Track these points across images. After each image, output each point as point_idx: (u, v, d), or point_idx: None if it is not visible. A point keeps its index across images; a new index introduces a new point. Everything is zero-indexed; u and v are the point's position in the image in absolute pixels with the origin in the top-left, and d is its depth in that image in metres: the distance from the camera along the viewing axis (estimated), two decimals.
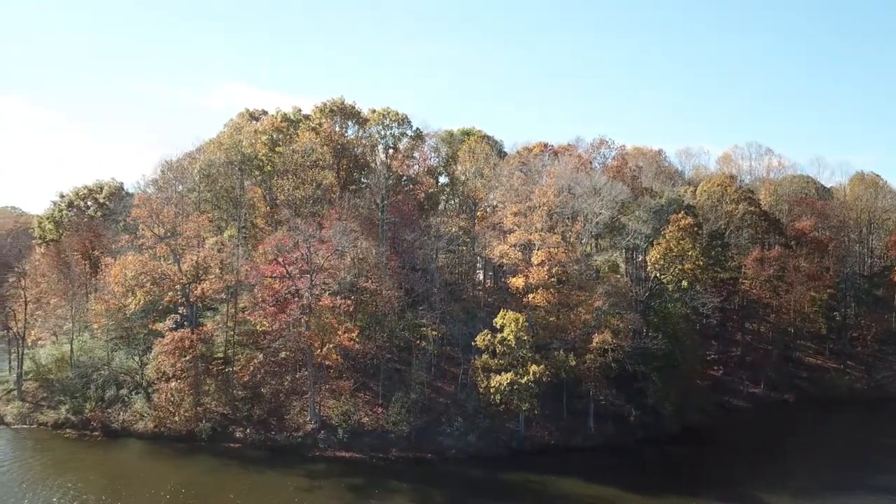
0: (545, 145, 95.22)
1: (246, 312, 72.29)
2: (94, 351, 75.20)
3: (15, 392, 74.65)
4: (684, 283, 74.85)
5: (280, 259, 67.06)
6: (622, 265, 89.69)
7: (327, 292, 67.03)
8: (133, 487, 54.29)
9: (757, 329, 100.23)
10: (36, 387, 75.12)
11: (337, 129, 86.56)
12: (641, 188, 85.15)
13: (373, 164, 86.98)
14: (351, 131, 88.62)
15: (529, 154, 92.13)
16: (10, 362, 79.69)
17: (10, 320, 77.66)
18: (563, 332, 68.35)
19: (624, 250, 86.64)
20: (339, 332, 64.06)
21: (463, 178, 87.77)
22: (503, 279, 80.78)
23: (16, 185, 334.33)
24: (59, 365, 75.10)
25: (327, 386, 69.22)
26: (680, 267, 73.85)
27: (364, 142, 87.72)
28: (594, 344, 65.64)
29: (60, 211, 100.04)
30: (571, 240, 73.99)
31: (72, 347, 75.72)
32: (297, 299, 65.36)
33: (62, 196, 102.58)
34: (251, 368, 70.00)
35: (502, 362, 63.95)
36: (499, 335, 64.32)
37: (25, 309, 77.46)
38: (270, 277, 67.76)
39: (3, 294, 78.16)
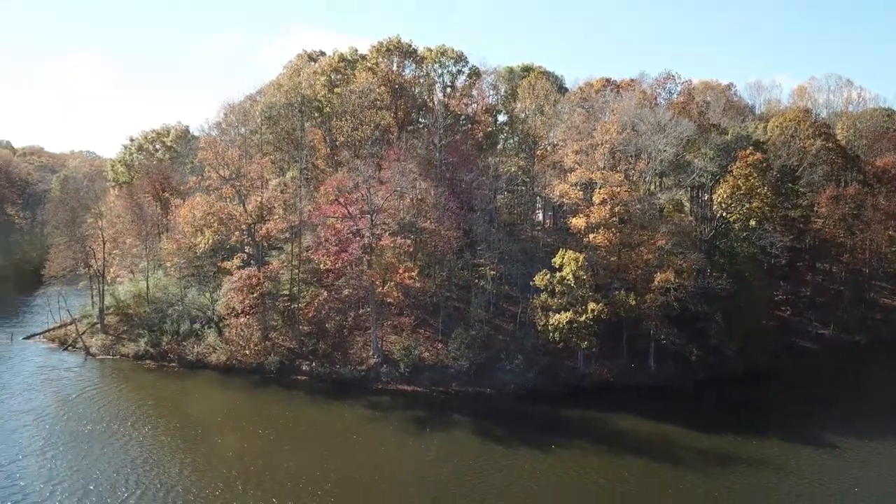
0: (608, 81, 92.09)
1: (310, 252, 74.23)
2: (168, 288, 78.93)
3: (98, 325, 79.43)
4: (752, 222, 72.46)
5: (341, 200, 68.11)
6: (687, 204, 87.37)
7: (387, 232, 68.00)
8: (207, 414, 57.80)
9: (828, 269, 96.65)
10: (117, 321, 79.66)
11: (394, 68, 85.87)
12: (708, 124, 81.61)
13: (430, 104, 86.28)
14: (408, 71, 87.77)
15: (591, 90, 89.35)
16: (92, 298, 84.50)
17: (90, 258, 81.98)
18: (624, 271, 67.64)
19: (689, 189, 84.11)
20: (400, 271, 65.29)
21: (522, 116, 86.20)
22: (563, 219, 79.99)
23: (90, 130, 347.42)
24: (137, 300, 79.29)
25: (389, 322, 70.95)
26: (748, 205, 71.35)
27: (421, 81, 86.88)
28: (656, 283, 64.75)
29: (131, 154, 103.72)
30: (634, 178, 72.24)
31: (147, 284, 79.62)
32: (358, 239, 66.55)
33: (132, 140, 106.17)
34: (315, 305, 72.19)
35: (561, 301, 64.00)
36: (558, 275, 64.18)
37: (104, 248, 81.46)
38: (332, 218, 69.04)
39: (84, 234, 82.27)
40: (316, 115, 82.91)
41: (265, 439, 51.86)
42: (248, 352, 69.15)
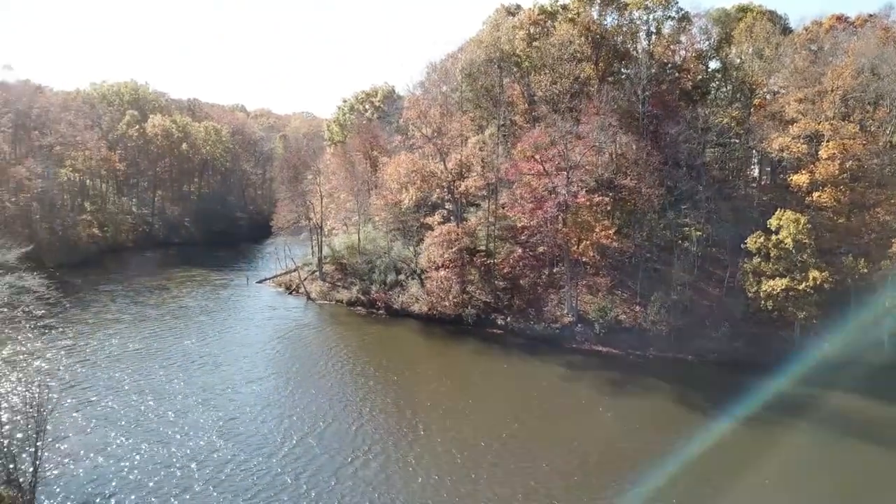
0: (840, 18, 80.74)
1: (506, 208, 75.20)
2: (377, 240, 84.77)
3: (317, 273, 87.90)
4: None
5: (537, 156, 67.75)
6: None
7: (584, 189, 66.60)
8: (407, 359, 62.23)
9: None
10: (333, 269, 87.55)
11: (595, 17, 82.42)
12: None
13: (634, 53, 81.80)
14: (610, 19, 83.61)
15: (820, 29, 79.04)
16: (312, 248, 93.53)
17: (310, 212, 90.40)
18: (856, 235, 60.08)
19: None
20: (597, 230, 63.91)
21: (738, 61, 78.77)
22: (782, 176, 72.65)
23: (309, 92, 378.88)
24: (350, 251, 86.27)
25: (584, 282, 70.14)
26: None
27: (624, 29, 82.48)
28: (895, 249, 56.80)
29: (344, 115, 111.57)
30: (872, 129, 63.26)
31: (359, 237, 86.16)
32: (553, 196, 66.02)
33: (344, 101, 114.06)
34: (511, 261, 73.30)
35: (777, 267, 58.73)
36: (773, 237, 58.78)
37: (321, 202, 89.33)
38: (528, 175, 69.05)
39: (304, 190, 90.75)
40: (514, 70, 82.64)
41: (458, 388, 54.50)
42: (447, 303, 72.44)
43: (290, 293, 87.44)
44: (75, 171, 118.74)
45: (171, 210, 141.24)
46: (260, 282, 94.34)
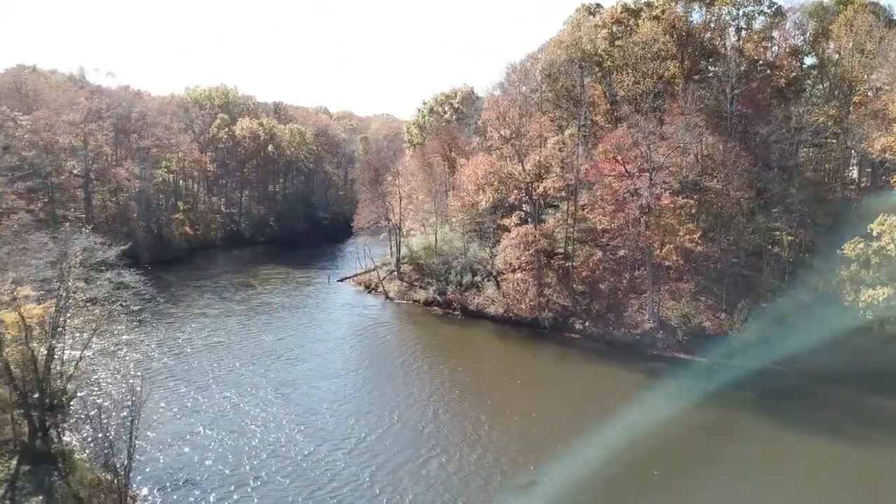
0: None
1: (585, 210, 73.89)
2: (454, 241, 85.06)
3: (395, 273, 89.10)
4: None
5: (619, 157, 66.20)
6: None
7: (667, 191, 64.58)
8: (481, 360, 62.25)
9: None
10: (410, 269, 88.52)
11: (680, 13, 79.75)
12: None
13: (721, 50, 78.70)
14: (697, 16, 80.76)
15: None
16: (390, 248, 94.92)
17: (389, 213, 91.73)
18: None
19: None
20: (680, 233, 61.90)
21: (836, 56, 74.38)
22: (884, 178, 68.06)
23: (389, 94, 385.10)
24: (427, 252, 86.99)
25: (666, 287, 67.96)
26: None
27: (712, 25, 79.46)
28: None
29: (423, 116, 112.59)
30: None
31: (436, 238, 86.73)
32: (635, 198, 64.33)
33: (424, 103, 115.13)
34: (590, 265, 71.94)
35: (878, 275, 55.01)
36: (875, 244, 55.14)
37: (400, 203, 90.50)
38: (609, 176, 67.58)
39: (384, 191, 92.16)
40: (596, 69, 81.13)
41: (531, 392, 53.83)
42: (523, 306, 71.81)
43: (369, 292, 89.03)
44: (169, 172, 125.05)
45: (257, 210, 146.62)
46: (340, 280, 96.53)
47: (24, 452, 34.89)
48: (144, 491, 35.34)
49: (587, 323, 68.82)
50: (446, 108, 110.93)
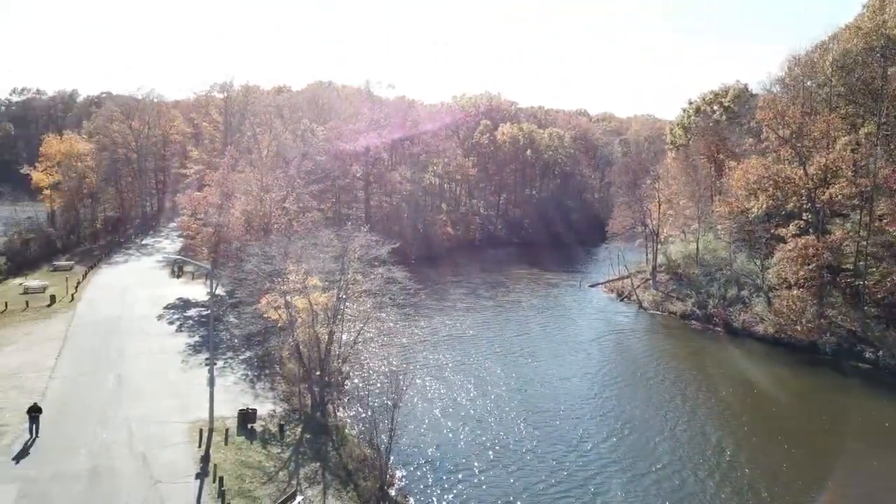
0: None
1: (884, 222, 63.29)
2: (718, 251, 78.86)
3: (650, 282, 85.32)
4: None
5: None
6: None
7: None
8: (744, 384, 55.82)
9: None
10: (667, 279, 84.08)
11: None
12: None
13: None
14: None
15: None
16: (646, 255, 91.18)
17: (646, 218, 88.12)
18: None
19: None
20: None
21: None
22: None
23: (651, 94, 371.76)
24: (687, 261, 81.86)
25: None
26: None
27: None
28: None
29: (689, 117, 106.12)
30: None
31: (697, 246, 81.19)
32: None
33: (690, 102, 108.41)
34: (888, 285, 61.51)
35: None
36: None
37: (659, 208, 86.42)
38: None
39: (642, 194, 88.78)
40: None
41: (795, 421, 47.40)
42: (799, 327, 63.80)
43: (622, 300, 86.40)
44: (435, 176, 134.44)
45: (512, 212, 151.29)
46: (592, 286, 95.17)
47: (307, 422, 39.92)
48: (401, 472, 38.09)
49: (881, 352, 58.84)
50: (715, 108, 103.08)
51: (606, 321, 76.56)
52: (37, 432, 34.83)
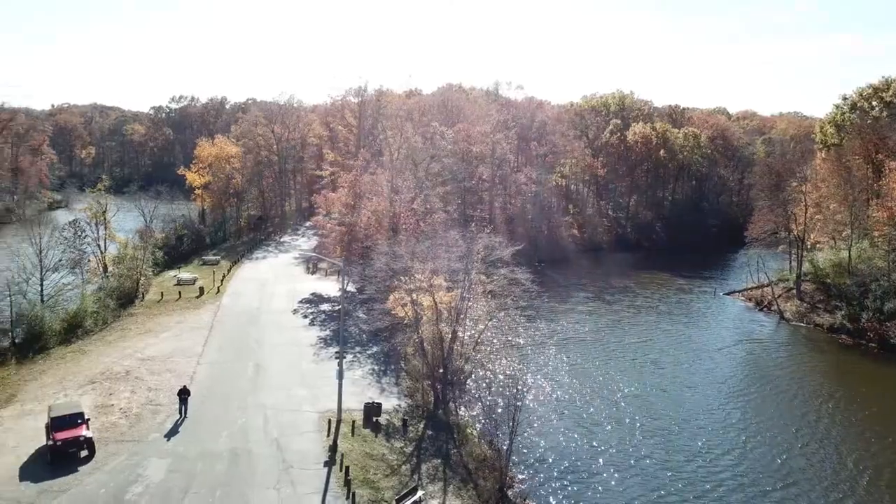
0: None
1: None
2: (874, 260, 71.92)
3: (794, 291, 79.22)
4: None
5: None
6: None
7: None
8: (893, 401, 50.73)
9: None
10: (813, 289, 77.73)
11: None
12: None
13: None
14: None
15: None
16: (790, 262, 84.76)
17: (791, 223, 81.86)
18: None
19: None
20: None
21: None
22: None
23: (799, 90, 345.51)
24: (837, 270, 75.24)
25: None
26: None
27: None
28: None
29: (843, 114, 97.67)
30: None
31: (850, 254, 74.47)
32: None
33: (844, 98, 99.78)
34: None
35: None
36: None
37: (805, 213, 79.99)
38: None
39: (787, 198, 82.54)
40: None
41: None
42: None
43: (760, 309, 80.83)
44: (562, 177, 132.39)
45: (643, 215, 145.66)
46: (728, 294, 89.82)
47: (429, 418, 40.67)
48: (522, 475, 37.84)
49: None
50: (874, 103, 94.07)
51: (741, 331, 72.07)
52: (186, 413, 38.01)
